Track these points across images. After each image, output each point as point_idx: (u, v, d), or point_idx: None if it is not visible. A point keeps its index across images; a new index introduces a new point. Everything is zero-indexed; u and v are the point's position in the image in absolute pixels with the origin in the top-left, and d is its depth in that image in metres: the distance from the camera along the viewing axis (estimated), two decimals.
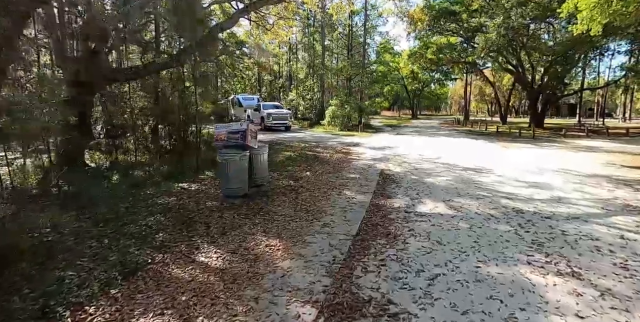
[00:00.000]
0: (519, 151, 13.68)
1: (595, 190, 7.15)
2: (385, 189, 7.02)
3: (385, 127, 30.52)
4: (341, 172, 8.78)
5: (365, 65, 35.01)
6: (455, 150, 13.62)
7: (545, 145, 15.91)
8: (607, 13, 12.33)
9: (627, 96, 49.45)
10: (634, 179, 8.31)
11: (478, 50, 22.86)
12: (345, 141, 16.88)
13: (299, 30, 41.26)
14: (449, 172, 8.94)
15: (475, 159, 11.29)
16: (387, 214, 5.41)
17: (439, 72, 45.33)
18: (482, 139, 19.34)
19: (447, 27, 30.16)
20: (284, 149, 12.99)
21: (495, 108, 65.23)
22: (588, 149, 14.59)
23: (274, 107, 26.43)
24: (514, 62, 28.98)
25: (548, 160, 11.32)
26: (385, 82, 55.17)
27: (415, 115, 54.42)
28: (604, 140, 19.37)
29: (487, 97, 63.64)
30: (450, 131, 25.67)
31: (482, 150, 13.83)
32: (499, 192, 6.83)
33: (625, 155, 12.62)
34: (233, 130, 6.13)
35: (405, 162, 10.57)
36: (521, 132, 22.11)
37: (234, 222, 5.03)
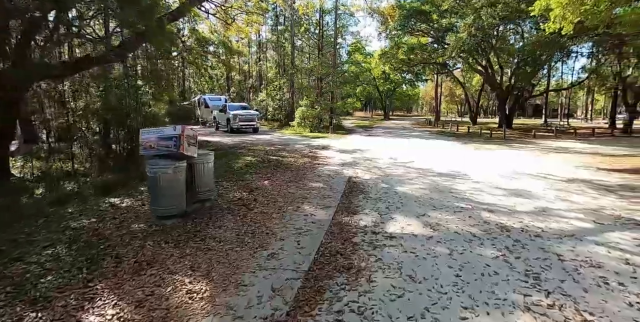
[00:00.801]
0: (493, 153, 13.18)
1: (579, 198, 6.52)
2: (351, 202, 6.09)
3: (357, 128, 29.85)
4: (304, 181, 7.79)
5: (337, 65, 34.28)
6: (428, 153, 12.95)
7: (517, 147, 15.57)
8: (578, 12, 12.04)
9: (589, 97, 51.30)
10: (615, 184, 7.80)
11: (449, 50, 22.53)
12: (314, 144, 15.93)
13: (268, 29, 40.13)
14: (423, 178, 8.15)
15: (449, 162, 10.61)
16: (351, 236, 4.47)
17: (411, 73, 45.30)
18: (454, 140, 18.91)
19: (417, 27, 29.89)
20: (245, 154, 11.87)
21: (465, 109, 66.34)
22: (560, 150, 14.31)
23: (240, 108, 25.12)
24: (483, 63, 29.04)
25: (523, 163, 10.79)
26: (357, 83, 54.76)
27: (387, 116, 54.28)
28: (572, 140, 19.39)
29: (457, 98, 64.65)
30: (422, 132, 25.26)
31: (455, 153, 13.23)
32: (479, 203, 6.05)
33: (598, 157, 12.34)
34: (164, 136, 5.01)
35: (375, 167, 9.71)
36: (492, 133, 21.93)
37: (156, 253, 3.94)
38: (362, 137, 20.49)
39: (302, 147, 14.29)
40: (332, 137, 19.88)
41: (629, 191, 7.16)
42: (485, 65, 28.58)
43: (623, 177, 8.72)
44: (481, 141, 18.29)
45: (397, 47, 30.90)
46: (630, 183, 7.95)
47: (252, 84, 44.71)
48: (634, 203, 6.22)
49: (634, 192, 7.04)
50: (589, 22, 13.15)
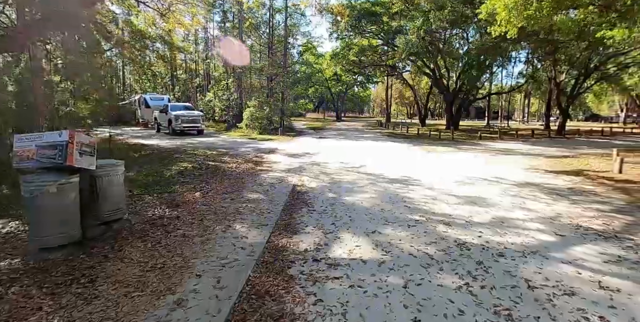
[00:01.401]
0: (443, 156, 13.01)
1: (534, 205, 6.19)
2: (292, 217, 5.26)
3: (308, 129, 29.15)
4: (242, 192, 6.84)
5: (287, 65, 33.42)
6: (380, 157, 12.48)
7: (466, 149, 15.66)
8: (522, 16, 12.21)
9: (526, 101, 54.83)
10: (565, 188, 7.68)
11: (398, 52, 22.55)
12: (261, 147, 14.93)
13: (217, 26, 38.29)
14: (374, 185, 7.52)
15: (401, 166, 10.15)
16: (287, 266, 3.63)
17: (362, 74, 45.66)
18: (404, 142, 18.79)
19: (368, 28, 29.87)
20: (182, 159, 10.64)
21: (414, 110, 68.31)
22: (506, 152, 14.53)
23: (184, 108, 23.39)
24: (431, 66, 29.63)
25: (474, 166, 10.62)
26: (309, 84, 54.32)
27: (339, 118, 54.34)
28: (515, 142, 20.07)
29: (406, 100, 66.42)
30: (373, 134, 25.11)
31: (406, 156, 12.89)
32: (434, 215, 5.48)
33: (542, 159, 12.57)
34: (45, 144, 3.87)
35: (324, 173, 8.97)
36: (441, 135, 22.22)
37: (19, 307, 2.84)
38: (313, 139, 19.80)
39: (247, 151, 13.25)
40: (282, 139, 18.98)
41: (578, 195, 7.01)
42: (433, 68, 29.16)
43: (569, 179, 8.71)
44: (431, 143, 18.32)
45: (348, 48, 30.69)
46: (577, 186, 7.88)
47: (200, 83, 42.49)
48: (586, 209, 5.98)
49: (584, 197, 6.89)
50: (531, 26, 13.47)
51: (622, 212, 5.85)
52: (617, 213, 5.82)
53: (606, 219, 5.45)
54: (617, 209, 6.06)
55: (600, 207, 6.14)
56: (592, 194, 7.19)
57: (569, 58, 26.63)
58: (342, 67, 36.19)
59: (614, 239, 4.61)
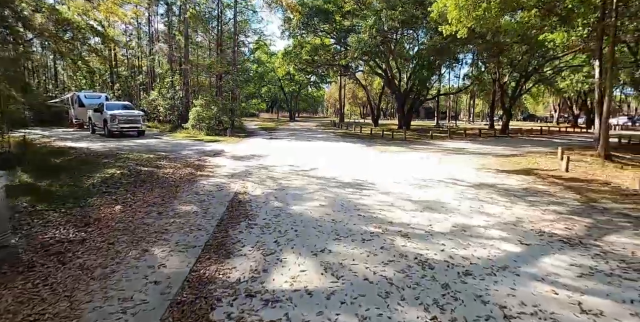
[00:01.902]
0: (397, 156, 12.70)
1: (493, 208, 5.84)
2: (228, 235, 4.42)
3: (260, 130, 28.08)
4: (173, 203, 5.87)
5: (238, 63, 32.07)
6: (333, 158, 11.89)
7: (418, 148, 15.56)
8: (472, 16, 12.23)
9: (471, 101, 57.44)
10: (519, 189, 7.50)
11: (351, 51, 22.22)
12: (206, 149, 13.79)
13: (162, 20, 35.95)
14: (325, 191, 6.85)
15: (354, 169, 9.60)
16: (210, 307, 2.81)
17: (315, 74, 45.21)
18: (358, 142, 18.43)
19: (320, 27, 29.39)
20: (112, 164, 9.32)
21: (366, 111, 69.12)
22: (457, 151, 14.58)
23: (122, 107, 21.36)
24: (383, 66, 29.75)
25: (428, 166, 10.34)
26: (262, 83, 53.00)
27: (293, 118, 53.48)
28: (464, 141, 20.48)
29: (359, 100, 67.01)
30: (327, 134, 24.60)
31: (360, 157, 12.42)
32: (390, 224, 4.90)
33: (491, 158, 12.65)
34: None
35: (271, 178, 8.16)
36: (393, 134, 22.18)
37: None
38: (264, 140, 18.85)
39: (190, 154, 12.08)
40: (230, 141, 17.85)
41: (534, 196, 6.81)
42: (385, 68, 29.28)
43: (522, 179, 8.62)
44: (384, 143, 18.11)
45: (300, 47, 29.97)
46: (531, 187, 7.74)
47: (143, 80, 39.69)
48: (545, 212, 5.72)
49: (539, 197, 6.70)
50: (480, 27, 13.59)
51: (580, 214, 5.65)
52: (575, 215, 5.61)
53: (567, 223, 5.18)
54: (574, 211, 5.86)
55: (557, 209, 5.92)
56: (546, 194, 7.03)
57: (511, 61, 27.90)
58: (295, 66, 35.43)
59: (580, 246, 4.28)
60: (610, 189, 7.77)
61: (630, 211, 5.97)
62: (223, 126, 22.84)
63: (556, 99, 57.26)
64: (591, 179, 8.74)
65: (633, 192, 7.45)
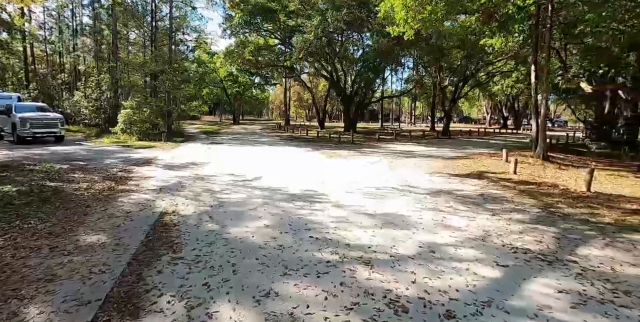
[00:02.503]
0: (347, 161, 12.10)
1: (457, 220, 5.32)
2: (141, 278, 3.34)
3: (201, 134, 26.27)
4: (75, 232, 4.60)
5: (175, 61, 29.86)
6: (279, 165, 10.97)
7: (367, 152, 15.15)
8: (418, 18, 12.04)
9: (413, 104, 59.47)
10: (476, 195, 7.16)
11: (296, 51, 21.45)
12: (135, 157, 12.17)
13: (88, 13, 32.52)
14: (271, 206, 5.93)
15: (302, 177, 8.78)
16: None
17: (259, 75, 43.92)
18: (305, 146, 17.67)
19: (264, 26, 28.32)
20: (7, 180, 7.59)
21: (312, 113, 68.85)
22: (407, 154, 14.37)
23: (36, 109, 18.62)
24: (329, 68, 29.38)
25: (380, 172, 9.82)
26: (203, 84, 50.39)
27: (236, 121, 51.41)
28: (411, 143, 20.59)
29: (305, 102, 66.57)
30: (272, 138, 23.54)
31: (308, 163, 11.63)
32: (349, 248, 4.13)
33: (440, 161, 12.53)
34: None
35: (208, 191, 7.05)
36: (340, 137, 21.74)
37: None
38: (203, 145, 17.36)
39: (113, 163, 10.47)
40: (165, 146, 16.17)
41: (493, 203, 6.47)
42: (330, 70, 28.92)
43: (475, 184, 8.36)
44: (332, 147, 17.53)
45: (243, 46, 28.62)
46: (487, 192, 7.45)
47: (65, 79, 35.65)
48: (510, 222, 5.33)
49: (499, 205, 6.36)
50: (425, 30, 13.49)
51: (544, 223, 5.32)
52: (540, 224, 5.27)
53: (535, 234, 4.79)
54: (537, 219, 5.54)
55: (520, 218, 5.56)
56: (504, 200, 6.73)
57: (450, 66, 28.95)
58: (238, 66, 33.95)
59: (559, 264, 3.84)
60: (560, 191, 7.73)
61: (589, 216, 5.79)
62: (159, 130, 20.91)
63: (488, 102, 61.34)
64: (540, 182, 8.73)
65: (581, 194, 7.45)
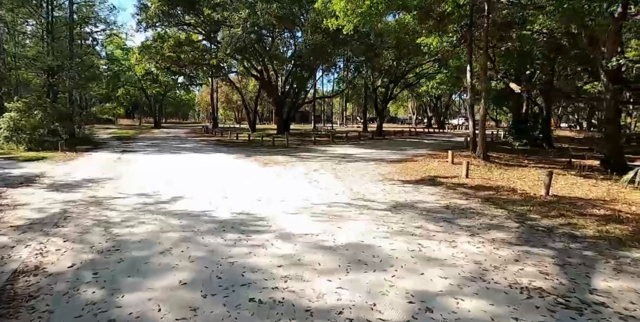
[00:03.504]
0: (285, 170, 10.65)
1: (438, 249, 4.22)
2: None
3: (113, 140, 22.83)
4: None
5: (78, 56, 25.80)
6: (204, 178, 9.11)
7: (306, 157, 13.85)
8: (358, 11, 11.11)
9: (345, 105, 59.86)
10: (441, 207, 6.22)
11: (223, 46, 19.40)
12: (14, 174, 9.43)
13: None
14: (191, 245, 4.26)
15: (234, 193, 7.17)
16: None
17: (183, 74, 40.40)
18: (235, 151, 15.81)
19: (185, 19, 25.62)
20: None
21: (242, 115, 66.00)
22: (348, 158, 13.35)
23: None
24: (259, 67, 27.60)
25: (325, 182, 8.56)
26: (117, 84, 45.18)
27: (158, 124, 46.60)
28: (348, 145, 19.80)
29: (234, 104, 63.50)
30: (198, 143, 21.13)
31: (240, 174, 9.94)
32: (310, 316, 2.74)
33: (385, 165, 11.69)
34: None
35: (101, 223, 5.11)
36: (275, 141, 20.20)
37: None
38: (113, 154, 14.58)
39: None
40: (62, 157, 13.22)
41: (463, 218, 5.54)
42: (261, 69, 27.17)
43: (433, 192, 7.49)
44: (266, 152, 15.95)
45: (162, 41, 25.62)
46: (450, 203, 6.56)
47: None
48: (496, 245, 4.38)
49: (471, 220, 5.44)
50: (363, 25, 12.64)
51: (532, 243, 4.48)
52: (529, 245, 4.40)
53: (534, 262, 3.88)
54: (522, 238, 4.68)
55: (504, 237, 4.66)
56: (474, 213, 5.85)
57: (381, 66, 28.96)
58: (157, 63, 30.50)
59: (589, 311, 2.90)
60: (521, 197, 7.14)
61: (570, 229, 5.11)
62: (59, 137, 17.45)
63: (414, 103, 64.14)
64: (495, 186, 8.16)
65: (544, 200, 6.92)
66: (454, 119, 64.67)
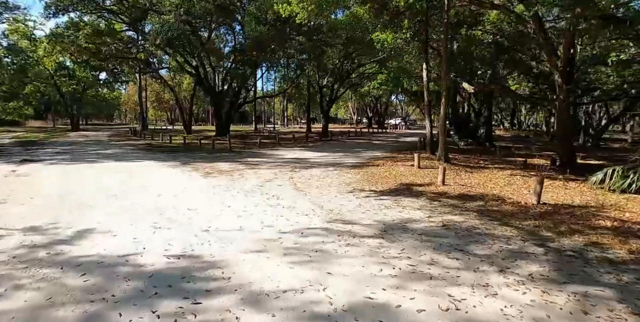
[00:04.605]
0: (233, 182, 8.91)
1: (481, 304, 2.99)
2: None
3: (14, 146, 18.93)
4: None
5: None
6: (127, 198, 6.95)
7: (254, 163, 12.13)
8: None
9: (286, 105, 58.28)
10: (439, 228, 5.07)
11: (151, 36, 16.87)
12: None
13: None
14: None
15: (166, 223, 5.37)
16: None
17: (104, 70, 35.91)
18: (169, 158, 13.51)
19: (105, 5, 22.35)
20: None
21: (175, 115, 61.37)
22: (303, 164, 11.90)
23: None
24: (194, 63, 25.07)
25: (288, 198, 7.06)
26: (24, 80, 38.98)
27: (76, 126, 40.59)
28: (297, 148, 18.41)
29: (166, 103, 58.72)
30: (123, 148, 18.17)
31: (177, 191, 7.91)
32: None
33: (347, 171, 10.47)
34: None
35: None
36: (215, 144, 18.11)
37: None
38: (4, 166, 11.28)
39: None
40: None
41: (475, 244, 4.42)
42: (196, 65, 24.66)
43: (419, 206, 6.36)
44: (206, 157, 13.92)
45: (75, 28, 22.02)
46: (445, 220, 5.45)
47: None
48: (542, 287, 3.26)
49: (484, 246, 4.34)
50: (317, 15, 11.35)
51: (579, 279, 3.45)
52: (578, 282, 3.36)
53: (608, 315, 2.81)
54: (562, 271, 3.64)
55: (541, 272, 3.60)
56: (480, 234, 4.78)
57: (326, 65, 27.99)
58: (72, 56, 26.43)
59: None
60: (514, 207, 6.30)
61: (602, 252, 4.20)
62: None
63: (354, 103, 64.59)
64: (479, 195, 7.29)
65: (540, 210, 6.12)
66: (391, 119, 66.34)
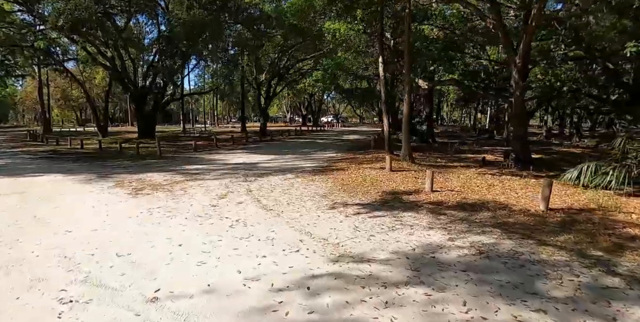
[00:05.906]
0: (174, 202, 6.95)
1: None
2: None
3: None
4: None
5: None
6: (6, 248, 4.71)
7: (193, 173, 9.95)
8: None
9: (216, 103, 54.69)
10: (478, 258, 3.91)
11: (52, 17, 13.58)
12: None
13: None
14: None
15: (80, 296, 3.46)
16: None
17: None
18: (82, 169, 10.64)
19: None
20: None
21: (86, 116, 54.22)
22: (257, 172, 10.09)
23: None
24: (109, 53, 21.48)
25: (254, 223, 5.40)
26: None
27: None
28: (240, 151, 16.48)
29: (75, 102, 51.31)
30: (16, 158, 14.28)
31: (92, 225, 5.77)
32: None
33: (312, 178, 9.04)
34: None
35: None
36: (139, 149, 15.36)
37: None
38: None
39: None
40: None
41: (540, 280, 3.30)
42: (112, 56, 21.14)
43: (428, 224, 5.17)
44: (130, 166, 11.37)
45: None
46: (477, 245, 4.31)
47: None
48: None
49: (558, 285, 3.25)
50: None
51: None
52: None
53: None
54: None
55: None
56: (530, 261, 3.72)
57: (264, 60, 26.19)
58: None
59: None
60: (528, 217, 5.43)
61: None
62: None
63: (288, 100, 63.04)
64: (479, 203, 6.36)
65: (559, 219, 5.29)
66: (323, 116, 66.34)
